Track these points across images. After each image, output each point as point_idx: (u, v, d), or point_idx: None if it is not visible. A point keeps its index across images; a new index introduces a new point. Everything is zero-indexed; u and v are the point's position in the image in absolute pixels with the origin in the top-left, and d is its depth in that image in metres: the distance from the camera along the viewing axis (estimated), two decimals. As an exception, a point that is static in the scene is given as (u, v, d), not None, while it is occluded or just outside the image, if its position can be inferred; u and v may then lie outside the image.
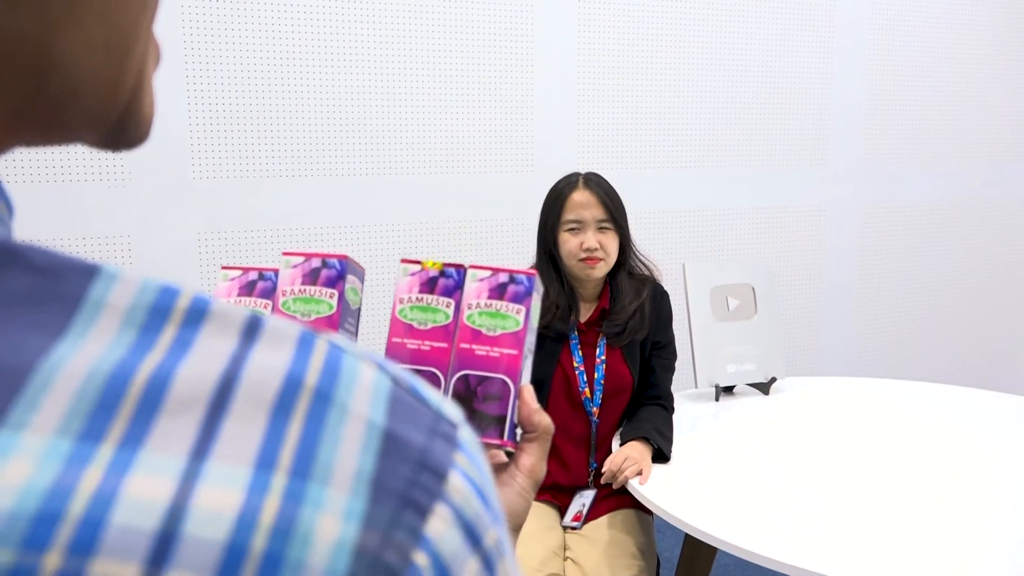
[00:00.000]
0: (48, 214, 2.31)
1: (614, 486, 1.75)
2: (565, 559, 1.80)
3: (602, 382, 1.90)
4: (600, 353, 1.90)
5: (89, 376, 0.23)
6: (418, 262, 0.62)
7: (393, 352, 0.60)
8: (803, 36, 3.22)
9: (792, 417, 2.09)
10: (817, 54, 3.26)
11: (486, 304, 0.60)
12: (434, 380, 0.59)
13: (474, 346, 0.59)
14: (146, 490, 0.21)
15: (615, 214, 1.85)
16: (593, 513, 1.87)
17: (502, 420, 0.57)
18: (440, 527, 0.25)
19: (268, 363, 0.25)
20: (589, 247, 1.82)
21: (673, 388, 2.01)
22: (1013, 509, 1.54)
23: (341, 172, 2.62)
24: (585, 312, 1.94)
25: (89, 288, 0.24)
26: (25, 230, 2.30)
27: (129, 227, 2.40)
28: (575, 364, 1.90)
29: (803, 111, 3.27)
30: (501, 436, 0.57)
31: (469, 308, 0.60)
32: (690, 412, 2.12)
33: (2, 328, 0.23)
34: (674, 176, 3.09)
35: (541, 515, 1.86)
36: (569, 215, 1.85)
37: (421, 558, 0.24)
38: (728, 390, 2.26)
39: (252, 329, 0.26)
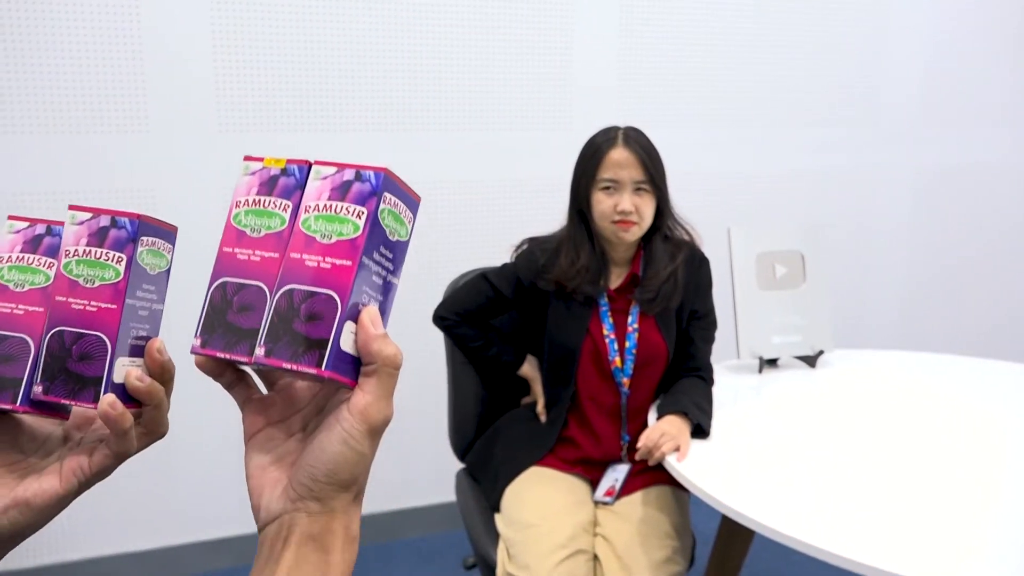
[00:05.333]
0: (68, 167, 2.27)
1: (650, 462, 1.67)
2: (595, 535, 1.72)
3: (633, 351, 1.80)
4: (632, 321, 1.81)
5: None
6: (260, 159, 0.53)
7: (221, 263, 0.52)
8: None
9: (839, 393, 1.98)
10: (873, 10, 3.07)
11: (325, 206, 0.50)
12: (259, 296, 0.50)
13: (305, 255, 0.50)
14: None
15: (654, 175, 1.74)
16: (626, 489, 1.79)
17: (323, 344, 0.47)
18: None
19: None
20: (624, 210, 1.72)
21: (713, 359, 1.91)
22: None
23: (368, 127, 2.53)
24: (616, 278, 1.84)
25: None
26: (45, 184, 2.25)
27: (152, 181, 2.34)
28: (605, 332, 1.80)
29: (854, 67, 3.09)
30: (319, 365, 0.47)
31: (306, 211, 0.51)
32: (731, 385, 2.02)
33: None
34: (718, 136, 2.95)
35: (571, 489, 1.78)
36: (605, 174, 1.74)
37: None
38: (772, 362, 2.16)
39: None
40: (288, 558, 0.46)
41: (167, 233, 0.58)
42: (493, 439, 1.93)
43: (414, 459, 2.76)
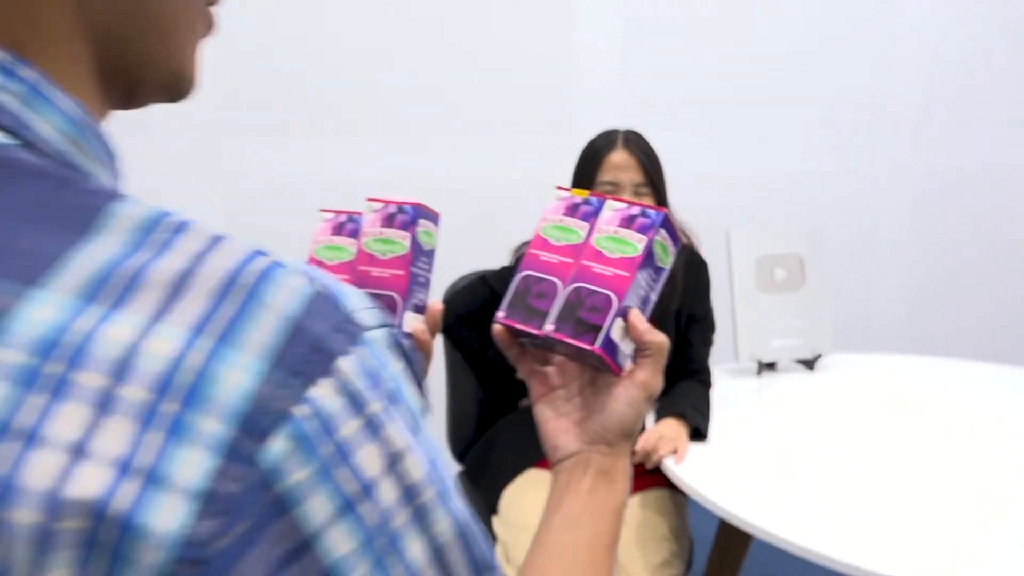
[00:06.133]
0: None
1: (648, 466, 1.66)
2: (593, 539, 1.72)
3: (633, 355, 1.80)
4: (632, 325, 1.80)
5: (98, 264, 0.32)
6: (568, 189, 0.70)
7: (527, 261, 0.69)
8: (863, -8, 3.03)
9: (838, 396, 1.97)
10: (876, 12, 3.06)
11: (615, 231, 0.66)
12: (551, 288, 0.66)
13: (594, 264, 0.66)
14: (116, 334, 0.31)
15: (654, 178, 1.74)
16: (624, 491, 1.78)
17: (597, 329, 0.63)
18: (322, 392, 0.32)
19: (219, 264, 0.33)
20: (624, 212, 1.72)
21: (712, 362, 1.90)
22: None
23: (370, 131, 2.53)
24: (617, 281, 1.83)
25: (109, 205, 0.34)
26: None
27: (153, 183, 2.34)
28: (604, 336, 1.80)
29: (856, 69, 3.08)
30: (593, 343, 0.62)
31: (599, 232, 0.67)
32: (730, 388, 2.02)
33: (46, 227, 0.33)
34: (718, 138, 2.95)
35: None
36: (604, 176, 1.74)
37: (301, 410, 0.31)
38: (771, 365, 2.15)
39: (216, 240, 0.34)
40: (587, 482, 0.64)
41: (434, 217, 0.75)
42: (491, 441, 1.93)
43: (413, 461, 2.76)
